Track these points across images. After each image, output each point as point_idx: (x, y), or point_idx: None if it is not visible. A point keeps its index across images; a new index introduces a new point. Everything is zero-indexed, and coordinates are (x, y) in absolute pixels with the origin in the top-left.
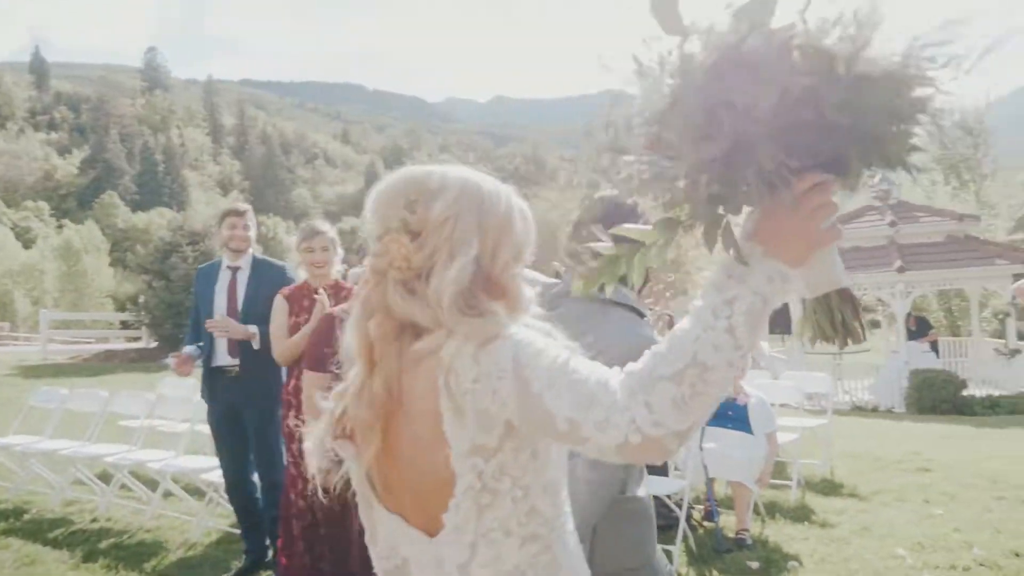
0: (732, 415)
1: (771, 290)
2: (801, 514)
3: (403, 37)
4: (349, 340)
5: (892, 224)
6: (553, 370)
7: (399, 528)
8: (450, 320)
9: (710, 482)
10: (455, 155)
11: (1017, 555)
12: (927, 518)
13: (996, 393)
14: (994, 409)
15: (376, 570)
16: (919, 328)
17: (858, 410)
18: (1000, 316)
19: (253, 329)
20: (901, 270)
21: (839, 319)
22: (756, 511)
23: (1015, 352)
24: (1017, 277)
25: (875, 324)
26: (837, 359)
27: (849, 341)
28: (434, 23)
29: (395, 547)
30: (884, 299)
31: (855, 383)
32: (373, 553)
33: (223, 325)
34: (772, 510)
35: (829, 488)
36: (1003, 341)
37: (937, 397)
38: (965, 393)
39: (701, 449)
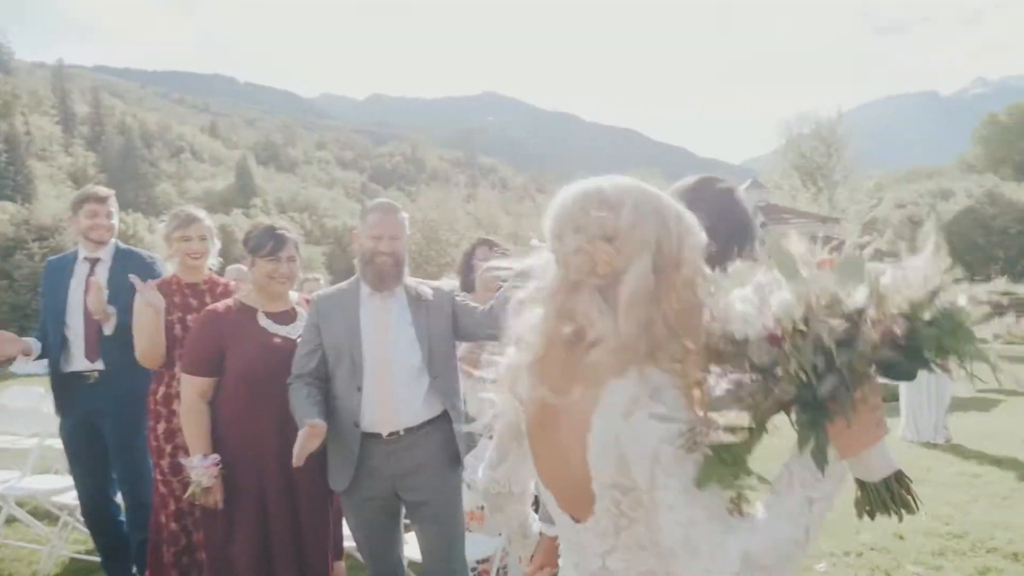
0: None
1: (837, 490)
2: None
3: (276, 28)
4: (525, 329)
5: (763, 225)
6: (686, 491)
7: (551, 502)
8: (626, 325)
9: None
10: (333, 152)
11: (901, 538)
12: None
13: None
14: None
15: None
16: None
17: None
18: None
19: (112, 309)
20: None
21: (896, 494)
22: None
23: None
24: None
25: None
26: None
27: (903, 512)
28: (308, 15)
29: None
30: None
31: None
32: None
33: (98, 293)
34: None
35: None
36: None
37: None
38: None
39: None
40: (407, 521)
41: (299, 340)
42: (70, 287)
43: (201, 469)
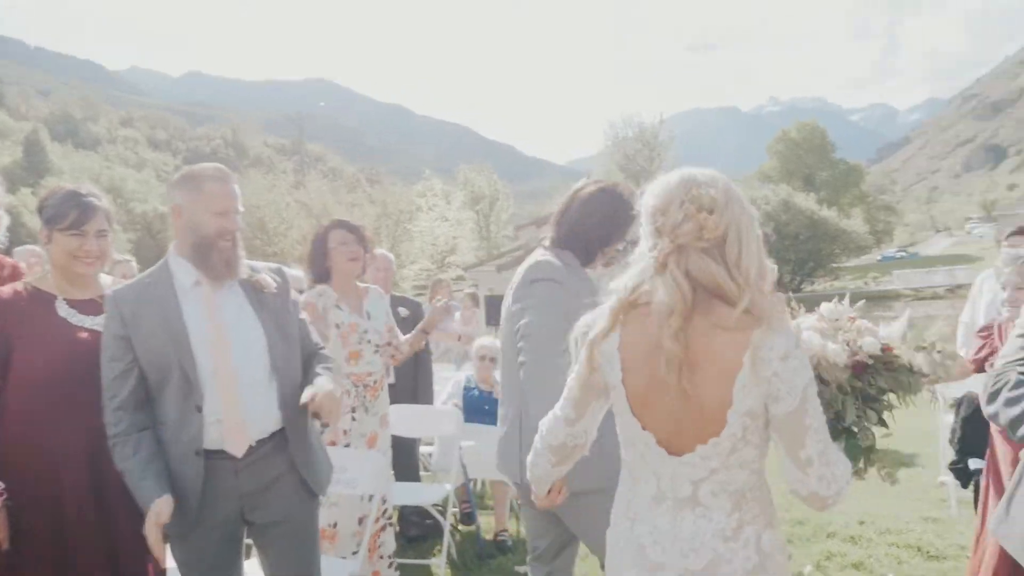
0: (488, 409)
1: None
2: None
3: None
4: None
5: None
6: (823, 419)
7: (644, 441)
8: (754, 294)
9: (470, 482)
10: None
11: None
12: None
13: None
14: None
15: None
16: None
17: None
18: None
19: None
20: (607, 264)
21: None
22: (512, 508)
23: None
24: None
25: None
26: None
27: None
28: None
29: (630, 447)
30: None
31: None
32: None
33: None
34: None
35: None
36: None
37: None
38: None
39: (460, 448)
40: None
41: (104, 354)
42: None
43: None
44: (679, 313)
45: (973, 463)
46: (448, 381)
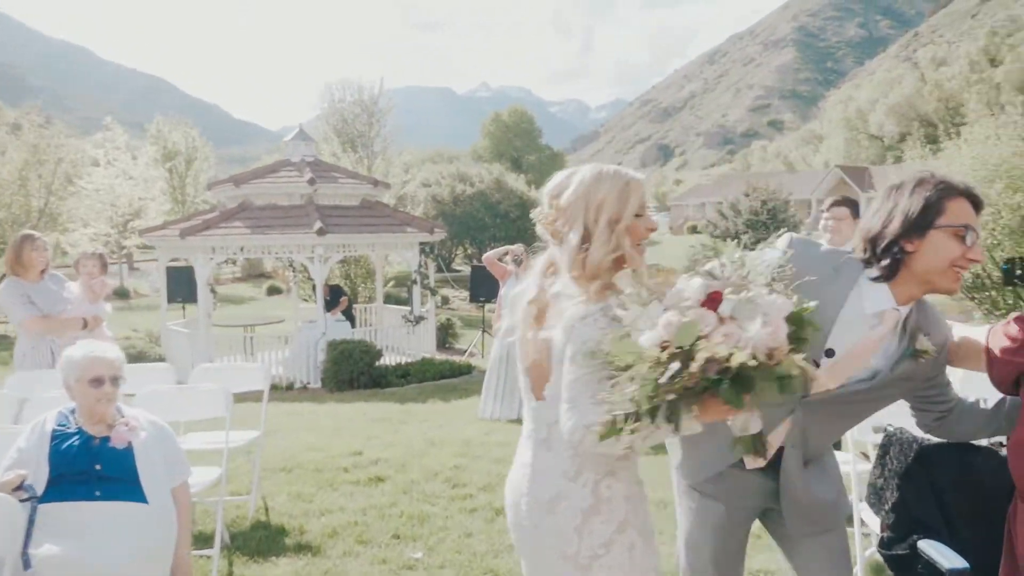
0: (103, 475)
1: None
2: None
3: None
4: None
5: (311, 182)
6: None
7: (524, 385)
8: (581, 272)
9: None
10: None
11: None
12: (406, 569)
13: (405, 361)
14: (405, 378)
15: None
16: (333, 296)
17: (273, 389)
18: (409, 283)
19: None
20: (321, 232)
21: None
22: None
23: (420, 319)
24: (424, 244)
25: (276, 291)
26: (249, 331)
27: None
28: None
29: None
30: (303, 263)
31: (270, 355)
32: None
33: None
34: None
35: (266, 541)
36: (408, 308)
37: (355, 369)
38: (379, 363)
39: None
40: None
41: None
42: None
43: None
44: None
45: (931, 548)
46: None
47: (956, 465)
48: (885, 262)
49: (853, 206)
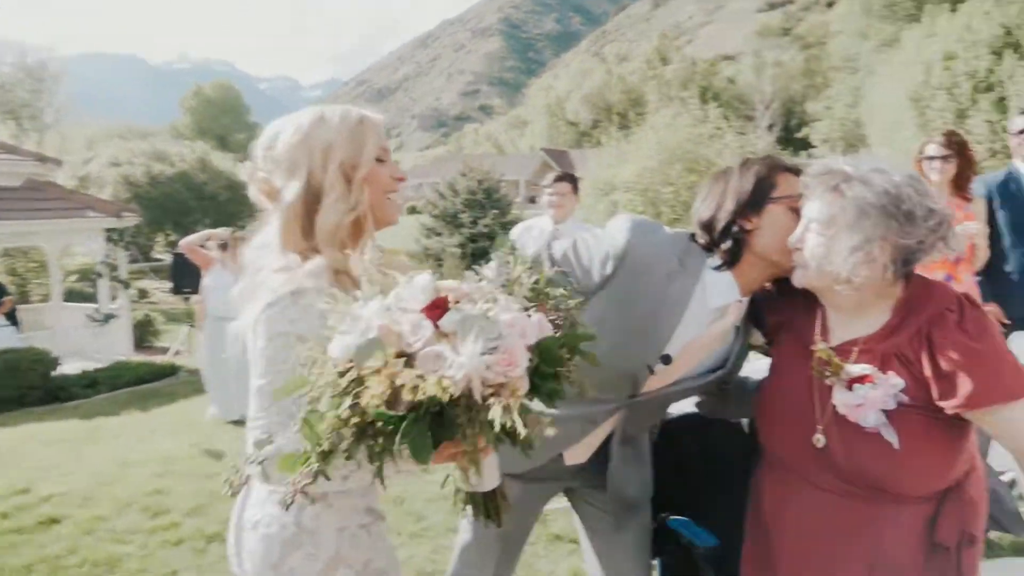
0: None
1: None
2: None
3: None
4: None
5: None
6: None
7: None
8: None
9: None
10: None
11: None
12: None
13: (92, 367)
14: (93, 387)
15: None
16: None
17: None
18: (93, 276)
19: None
20: None
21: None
22: None
23: (109, 317)
24: (113, 231)
25: None
26: None
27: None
28: None
29: None
30: None
31: None
32: None
33: None
34: None
35: None
36: (94, 306)
37: (24, 384)
38: (58, 373)
39: None
40: None
41: None
42: None
43: None
44: None
45: (681, 526)
46: None
47: (699, 440)
48: (726, 245)
49: (574, 181)
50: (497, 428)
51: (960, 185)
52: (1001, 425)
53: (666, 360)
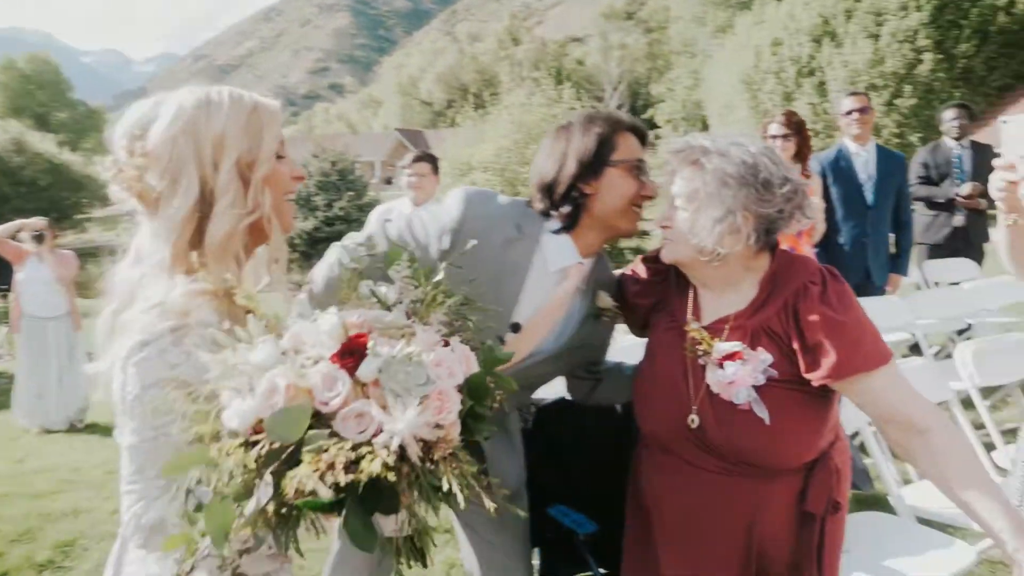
0: None
1: None
2: None
3: None
4: None
5: None
6: None
7: None
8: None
9: None
10: None
11: None
12: None
13: None
14: None
15: None
16: None
17: None
18: None
19: None
20: None
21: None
22: None
23: None
24: None
25: None
26: None
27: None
28: None
29: None
30: None
31: None
32: None
33: None
34: None
35: None
36: None
37: None
38: None
39: None
40: None
41: None
42: None
43: None
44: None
45: (560, 514)
46: None
47: (571, 425)
48: (565, 209)
49: (434, 161)
50: (445, 490)
51: (799, 162)
52: (864, 394)
53: (515, 328)
